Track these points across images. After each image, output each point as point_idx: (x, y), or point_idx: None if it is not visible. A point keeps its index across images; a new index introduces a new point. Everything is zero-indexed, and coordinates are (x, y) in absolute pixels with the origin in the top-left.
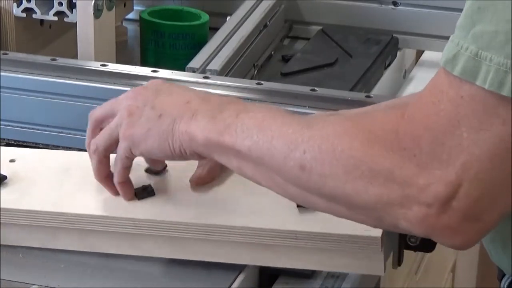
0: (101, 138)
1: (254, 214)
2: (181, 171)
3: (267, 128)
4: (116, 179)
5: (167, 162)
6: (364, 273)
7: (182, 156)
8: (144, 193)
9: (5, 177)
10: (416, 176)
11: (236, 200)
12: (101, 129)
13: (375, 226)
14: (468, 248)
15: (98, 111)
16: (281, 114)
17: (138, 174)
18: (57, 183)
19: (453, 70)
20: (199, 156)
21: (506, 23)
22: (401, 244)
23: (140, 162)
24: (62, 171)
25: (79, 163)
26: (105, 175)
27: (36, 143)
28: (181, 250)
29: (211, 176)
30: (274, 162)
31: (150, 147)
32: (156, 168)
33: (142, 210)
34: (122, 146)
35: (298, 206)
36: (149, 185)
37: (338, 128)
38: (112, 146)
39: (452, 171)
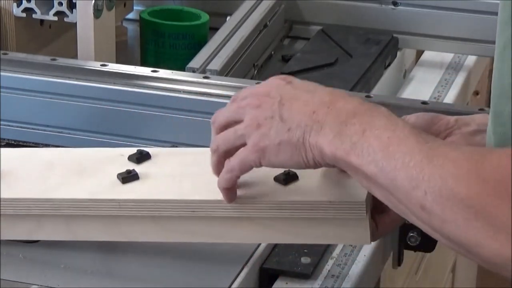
0: (224, 141)
1: (238, 189)
2: (164, 158)
3: (391, 156)
4: (227, 184)
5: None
6: (349, 243)
7: (316, 166)
8: (128, 177)
9: None
10: None
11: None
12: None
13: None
14: None
15: (221, 117)
16: (405, 135)
17: (121, 162)
18: (41, 176)
19: None
20: (334, 166)
21: None
22: (401, 244)
23: (123, 153)
24: (47, 166)
25: (64, 158)
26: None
27: (36, 143)
28: (166, 232)
29: None
30: (397, 195)
31: (282, 159)
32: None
33: (126, 192)
34: (251, 158)
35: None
36: (133, 170)
37: (458, 171)
38: (233, 150)
39: None
